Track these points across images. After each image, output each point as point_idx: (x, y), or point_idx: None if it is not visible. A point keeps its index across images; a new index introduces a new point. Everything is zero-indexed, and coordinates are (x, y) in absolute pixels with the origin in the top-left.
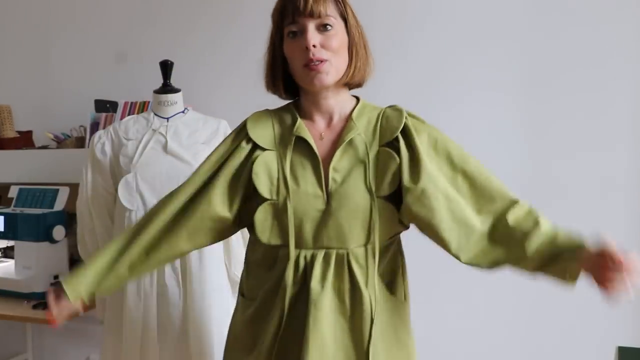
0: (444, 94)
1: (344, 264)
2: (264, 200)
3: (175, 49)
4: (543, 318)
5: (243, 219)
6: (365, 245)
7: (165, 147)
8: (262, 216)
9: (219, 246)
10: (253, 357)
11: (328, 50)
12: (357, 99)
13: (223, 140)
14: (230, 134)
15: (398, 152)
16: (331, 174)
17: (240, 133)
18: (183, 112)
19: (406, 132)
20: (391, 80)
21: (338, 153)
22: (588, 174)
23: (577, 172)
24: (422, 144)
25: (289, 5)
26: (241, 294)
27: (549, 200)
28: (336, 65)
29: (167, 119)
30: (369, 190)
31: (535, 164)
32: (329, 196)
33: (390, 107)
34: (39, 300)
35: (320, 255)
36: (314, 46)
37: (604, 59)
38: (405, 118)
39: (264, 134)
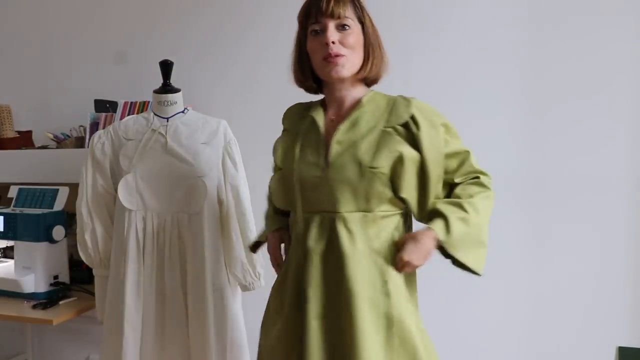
0: (444, 97)
1: (333, 226)
2: (279, 170)
3: (175, 49)
4: (543, 318)
5: None
6: (357, 212)
7: (165, 147)
8: (275, 184)
9: (219, 245)
10: (283, 314)
11: (346, 46)
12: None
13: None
14: None
15: (404, 136)
16: (334, 146)
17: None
18: (183, 112)
19: (415, 122)
20: (392, 83)
21: (342, 128)
22: (590, 172)
23: (579, 171)
24: (424, 135)
25: (313, 7)
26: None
27: (549, 200)
28: (352, 61)
29: (167, 118)
30: (362, 162)
31: (537, 162)
32: (329, 165)
33: (401, 95)
34: (39, 300)
35: (317, 218)
36: (333, 42)
37: (603, 59)
38: (414, 108)
39: (291, 119)
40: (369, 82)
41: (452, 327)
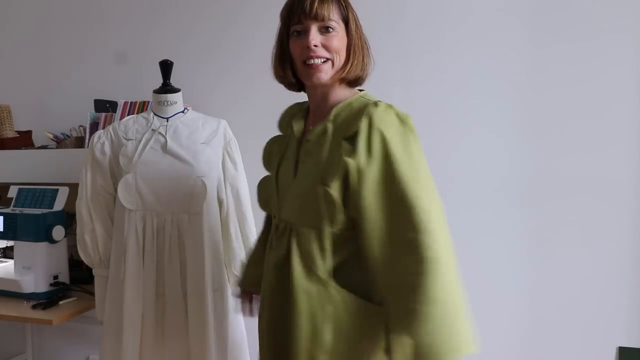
0: (444, 94)
1: (288, 238)
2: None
3: (175, 49)
4: (543, 318)
5: None
6: (312, 227)
7: (164, 147)
8: (261, 187)
9: (219, 245)
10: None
11: (329, 50)
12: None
13: None
14: None
15: (349, 149)
16: (301, 156)
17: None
18: (183, 111)
19: (361, 133)
20: (391, 81)
21: (308, 138)
22: (588, 173)
23: (577, 171)
24: (372, 149)
25: (297, 7)
26: None
27: (548, 200)
28: (336, 65)
29: (167, 118)
30: (317, 178)
31: (535, 163)
32: (295, 176)
33: (375, 102)
34: (39, 300)
35: (281, 226)
36: (315, 46)
37: (604, 56)
38: (369, 117)
39: (283, 122)
40: (350, 82)
41: None
